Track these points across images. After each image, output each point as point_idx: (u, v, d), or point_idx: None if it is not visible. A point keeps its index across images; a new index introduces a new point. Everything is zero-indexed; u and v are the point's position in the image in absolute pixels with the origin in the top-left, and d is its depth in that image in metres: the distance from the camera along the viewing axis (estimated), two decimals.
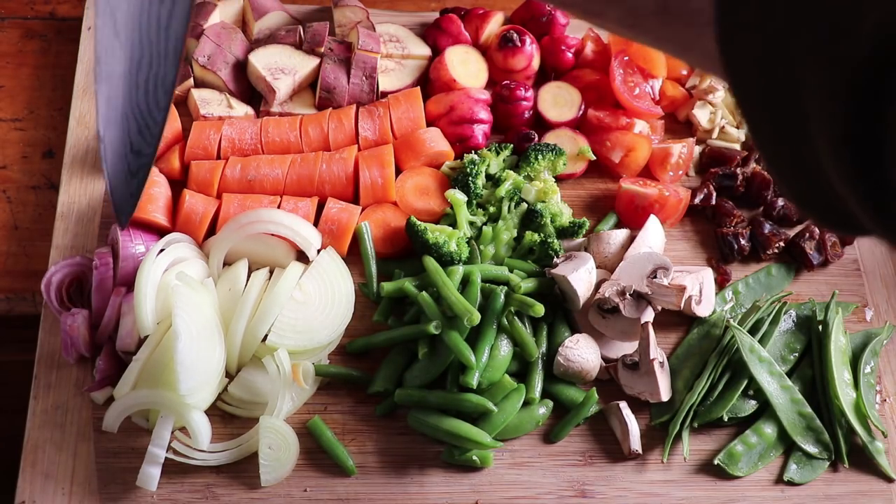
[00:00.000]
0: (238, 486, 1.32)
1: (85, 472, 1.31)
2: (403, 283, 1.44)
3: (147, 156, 1.08)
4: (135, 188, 1.13)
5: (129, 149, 1.08)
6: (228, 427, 1.37)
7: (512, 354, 1.41)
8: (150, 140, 1.06)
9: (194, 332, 1.30)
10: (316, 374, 1.40)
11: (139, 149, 1.07)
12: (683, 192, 1.60)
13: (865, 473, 1.42)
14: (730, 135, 1.70)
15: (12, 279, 1.50)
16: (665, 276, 1.43)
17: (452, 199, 1.52)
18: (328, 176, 1.53)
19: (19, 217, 1.56)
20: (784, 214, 1.62)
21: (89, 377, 1.38)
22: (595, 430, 1.42)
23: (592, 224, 1.59)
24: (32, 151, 1.62)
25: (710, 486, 1.39)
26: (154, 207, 1.47)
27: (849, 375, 1.45)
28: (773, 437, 1.41)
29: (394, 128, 1.60)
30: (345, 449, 1.35)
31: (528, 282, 1.44)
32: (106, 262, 1.40)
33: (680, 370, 1.45)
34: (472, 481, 1.36)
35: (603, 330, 1.45)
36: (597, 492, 1.36)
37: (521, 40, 1.68)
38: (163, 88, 1.01)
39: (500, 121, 1.66)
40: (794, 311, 1.52)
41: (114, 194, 1.14)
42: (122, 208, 1.16)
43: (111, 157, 1.09)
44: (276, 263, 1.47)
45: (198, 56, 1.61)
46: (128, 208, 1.16)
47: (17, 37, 1.75)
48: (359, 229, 1.50)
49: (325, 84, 1.62)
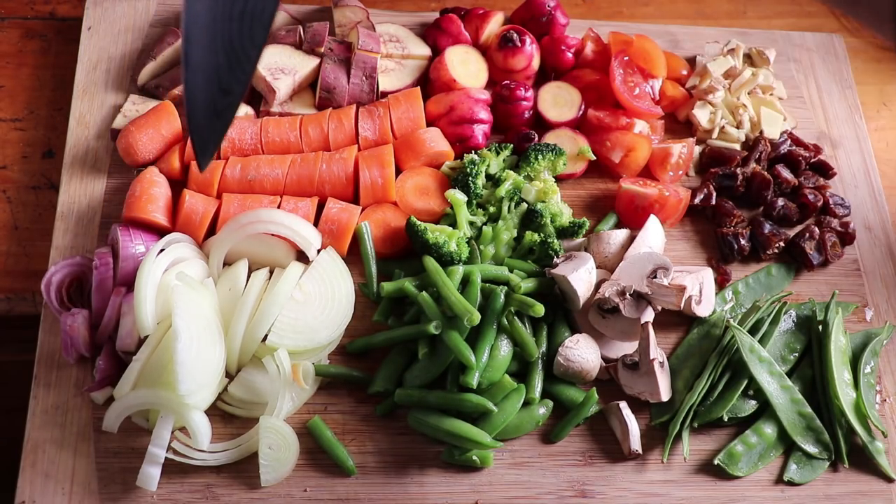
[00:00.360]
0: (238, 486, 1.32)
1: (85, 472, 1.31)
2: (403, 283, 1.44)
3: (236, 95, 1.01)
4: (219, 129, 1.05)
5: (217, 86, 1.00)
6: (228, 427, 1.37)
7: (512, 354, 1.41)
8: (242, 77, 0.99)
9: (194, 332, 1.30)
10: (316, 374, 1.40)
11: (228, 86, 1.00)
12: (683, 192, 1.60)
13: (865, 473, 1.42)
14: (730, 135, 1.70)
15: (12, 279, 1.50)
16: (665, 276, 1.43)
17: (452, 199, 1.52)
18: (328, 176, 1.53)
19: (19, 217, 1.56)
20: (784, 214, 1.62)
21: (89, 377, 1.38)
22: (595, 430, 1.42)
23: (592, 224, 1.59)
24: (32, 151, 1.62)
25: (710, 486, 1.39)
26: (154, 207, 1.46)
27: (849, 375, 1.45)
28: (773, 437, 1.41)
29: (394, 128, 1.60)
30: (345, 449, 1.35)
31: (528, 282, 1.44)
32: (106, 262, 1.40)
33: (680, 370, 1.45)
34: (472, 481, 1.36)
35: (603, 330, 1.45)
36: (597, 492, 1.36)
37: (521, 40, 1.68)
38: (260, 22, 0.94)
39: (500, 121, 1.66)
40: (794, 311, 1.52)
41: (195, 134, 1.05)
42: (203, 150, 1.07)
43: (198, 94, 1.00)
44: (276, 263, 1.47)
45: None
46: (209, 150, 1.07)
47: (17, 37, 1.75)
48: (359, 229, 1.50)
49: (325, 84, 1.62)
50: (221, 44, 0.96)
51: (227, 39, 0.96)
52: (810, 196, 1.62)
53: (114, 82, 1.66)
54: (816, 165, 1.69)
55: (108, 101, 1.63)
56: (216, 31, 0.95)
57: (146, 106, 1.60)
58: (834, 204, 1.64)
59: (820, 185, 1.66)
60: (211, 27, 0.95)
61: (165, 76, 1.63)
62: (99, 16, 1.73)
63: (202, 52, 0.97)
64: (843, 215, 1.64)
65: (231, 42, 0.96)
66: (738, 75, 1.75)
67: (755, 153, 1.65)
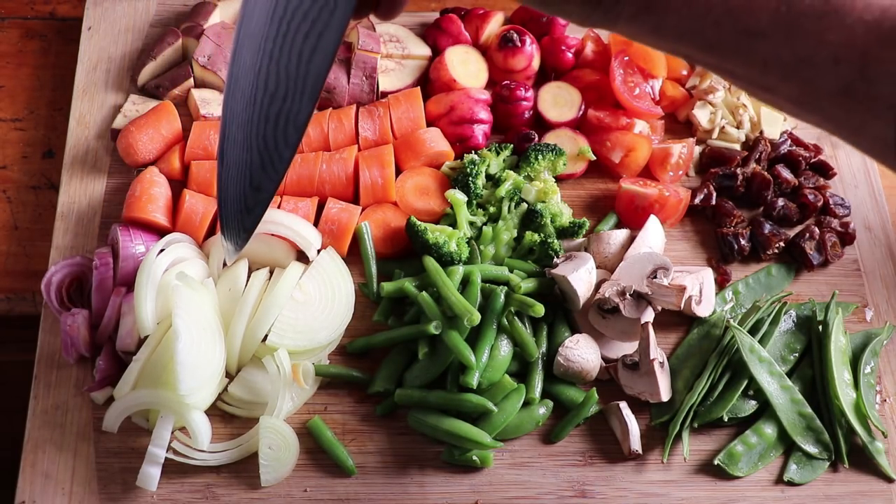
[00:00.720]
0: (238, 486, 1.32)
1: (85, 472, 1.31)
2: (403, 283, 1.44)
3: (267, 193, 1.02)
4: (249, 224, 1.07)
5: (249, 183, 1.02)
6: (228, 427, 1.37)
7: (512, 354, 1.41)
8: (273, 177, 1.00)
9: (194, 332, 1.30)
10: (316, 374, 1.40)
11: (259, 184, 1.02)
12: (683, 193, 1.60)
13: (865, 473, 1.41)
14: (730, 135, 1.70)
15: (12, 279, 1.50)
16: (665, 277, 1.43)
17: (452, 199, 1.52)
18: (328, 176, 1.53)
19: (19, 217, 1.56)
20: (784, 214, 1.62)
21: (89, 377, 1.38)
22: (595, 430, 1.42)
23: (592, 224, 1.59)
24: (32, 151, 1.62)
25: (710, 486, 1.39)
26: (154, 207, 1.47)
27: (849, 375, 1.45)
28: (774, 437, 1.41)
29: (394, 128, 1.60)
30: (345, 449, 1.35)
31: (528, 282, 1.44)
32: (106, 262, 1.40)
33: (680, 370, 1.45)
34: (472, 481, 1.36)
35: (603, 330, 1.45)
36: (597, 492, 1.36)
37: (521, 40, 1.68)
38: (294, 125, 0.95)
39: (500, 121, 1.66)
40: (794, 312, 1.52)
41: (226, 228, 1.08)
42: (233, 243, 1.11)
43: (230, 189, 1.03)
44: (276, 263, 1.47)
45: (198, 56, 1.61)
46: (239, 243, 1.10)
47: (17, 37, 1.75)
48: (359, 229, 1.50)
49: (326, 84, 1.62)
50: (256, 143, 0.98)
51: (261, 139, 0.97)
52: (810, 196, 1.62)
53: (114, 82, 1.66)
54: (816, 165, 1.68)
55: (108, 101, 1.63)
56: (252, 130, 0.97)
57: (146, 106, 1.60)
58: (834, 204, 1.64)
59: (820, 186, 1.66)
60: (247, 126, 0.97)
61: (165, 76, 1.63)
62: (99, 16, 1.73)
63: (237, 149, 1.00)
64: (843, 215, 1.64)
65: (265, 142, 0.97)
66: None
67: (755, 153, 1.65)
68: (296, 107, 0.94)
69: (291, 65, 0.91)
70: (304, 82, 0.92)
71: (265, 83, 0.94)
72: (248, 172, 1.01)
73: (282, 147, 0.97)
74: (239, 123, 0.98)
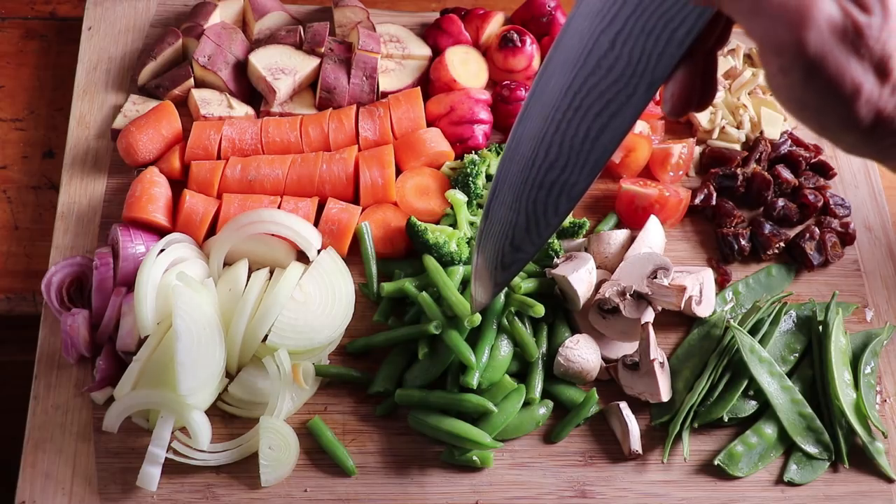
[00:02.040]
0: (238, 486, 1.32)
1: (85, 472, 1.31)
2: (403, 284, 1.44)
3: (526, 254, 1.04)
4: (501, 279, 1.09)
5: (510, 242, 1.04)
6: (228, 427, 1.37)
7: (512, 355, 1.41)
8: (536, 240, 1.02)
9: (194, 333, 1.30)
10: (316, 375, 1.40)
11: (519, 245, 1.03)
12: (683, 193, 1.60)
13: (865, 474, 1.42)
14: (730, 135, 1.70)
15: (12, 279, 1.50)
16: (665, 277, 1.43)
17: (453, 199, 1.52)
18: (328, 176, 1.53)
19: (19, 217, 1.56)
20: (784, 215, 1.62)
21: (89, 377, 1.38)
22: (595, 430, 1.42)
23: (592, 224, 1.59)
24: (32, 151, 1.62)
25: (710, 486, 1.39)
26: (154, 207, 1.46)
27: (849, 376, 1.45)
28: (774, 437, 1.41)
29: (394, 128, 1.60)
30: (345, 449, 1.35)
31: (528, 282, 1.44)
32: (106, 262, 1.40)
33: (680, 370, 1.45)
34: (472, 481, 1.36)
35: (603, 330, 1.45)
36: (597, 492, 1.36)
37: (521, 40, 1.68)
38: (567, 195, 0.96)
39: (500, 121, 1.66)
40: (795, 312, 1.52)
41: (478, 278, 1.10)
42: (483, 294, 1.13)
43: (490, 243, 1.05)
44: (276, 263, 1.47)
45: (198, 56, 1.61)
46: (488, 298, 1.13)
47: (17, 37, 1.75)
48: (359, 229, 1.50)
49: (326, 84, 1.62)
50: (525, 206, 1.00)
51: (531, 203, 0.99)
52: (810, 196, 1.62)
53: (114, 82, 1.66)
54: (817, 165, 1.69)
55: (108, 101, 1.63)
56: (524, 193, 0.99)
57: (146, 106, 1.60)
58: (834, 204, 1.64)
59: (820, 186, 1.66)
60: (518, 188, 0.99)
61: (165, 76, 1.63)
62: (99, 16, 1.73)
63: (504, 209, 1.02)
64: (843, 215, 1.64)
65: (535, 206, 0.99)
66: (738, 75, 1.75)
67: (755, 153, 1.65)
68: (573, 178, 0.94)
69: (577, 138, 0.92)
70: (587, 157, 0.93)
71: (546, 151, 0.95)
72: (512, 232, 1.02)
73: (550, 214, 0.98)
74: (511, 184, 1.00)
